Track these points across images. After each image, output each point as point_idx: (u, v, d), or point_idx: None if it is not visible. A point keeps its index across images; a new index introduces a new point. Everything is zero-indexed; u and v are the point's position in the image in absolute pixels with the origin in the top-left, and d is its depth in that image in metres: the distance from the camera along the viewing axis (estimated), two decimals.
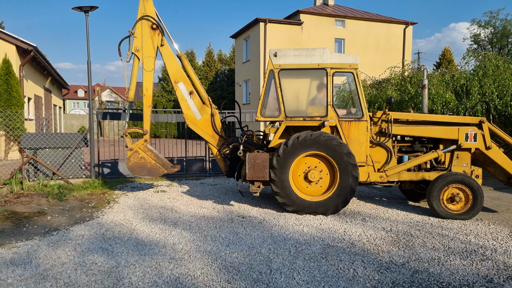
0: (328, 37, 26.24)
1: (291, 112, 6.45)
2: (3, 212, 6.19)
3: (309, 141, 6.06)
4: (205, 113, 7.06)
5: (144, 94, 6.98)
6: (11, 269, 3.93)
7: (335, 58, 6.36)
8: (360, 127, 6.39)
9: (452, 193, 6.13)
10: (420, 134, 6.69)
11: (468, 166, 6.64)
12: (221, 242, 4.85)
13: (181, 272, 3.90)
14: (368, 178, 6.55)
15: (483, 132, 6.55)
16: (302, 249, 4.63)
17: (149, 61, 6.90)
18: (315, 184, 6.27)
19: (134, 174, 6.96)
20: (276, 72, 6.33)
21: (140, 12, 6.85)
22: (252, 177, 6.21)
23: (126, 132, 6.98)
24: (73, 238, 4.94)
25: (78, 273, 3.84)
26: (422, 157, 6.64)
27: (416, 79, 11.60)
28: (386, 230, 5.44)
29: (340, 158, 6.05)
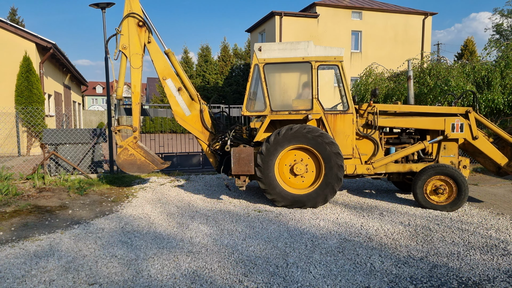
0: (345, 29, 25.87)
1: (277, 106, 6.45)
2: (26, 206, 6.39)
3: (291, 135, 6.08)
4: (194, 109, 7.05)
5: (132, 92, 7.02)
6: (35, 261, 4.07)
7: (319, 51, 6.35)
8: (345, 119, 6.39)
9: (435, 185, 6.16)
10: (406, 126, 6.71)
11: (455, 157, 6.64)
12: (237, 236, 4.89)
13: (198, 265, 3.95)
14: (355, 171, 6.57)
15: (470, 122, 6.52)
16: (319, 243, 4.62)
17: (137, 59, 6.94)
18: (301, 177, 6.28)
19: (124, 171, 7.00)
20: (261, 66, 6.35)
21: (126, 10, 6.88)
22: (237, 172, 6.26)
23: (115, 129, 7.03)
24: (94, 232, 5.06)
25: (99, 266, 3.94)
26: (408, 148, 6.63)
27: (435, 71, 11.34)
28: (404, 225, 5.37)
29: (323, 148, 6.07)
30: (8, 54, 14.28)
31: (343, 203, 6.67)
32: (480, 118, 6.66)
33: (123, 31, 6.88)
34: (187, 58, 37.24)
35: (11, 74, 13.88)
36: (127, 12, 6.87)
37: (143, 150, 7.05)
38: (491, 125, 6.71)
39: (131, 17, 6.86)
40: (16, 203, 6.55)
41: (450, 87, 10.22)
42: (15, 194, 7.12)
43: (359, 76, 13.63)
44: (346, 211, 6.12)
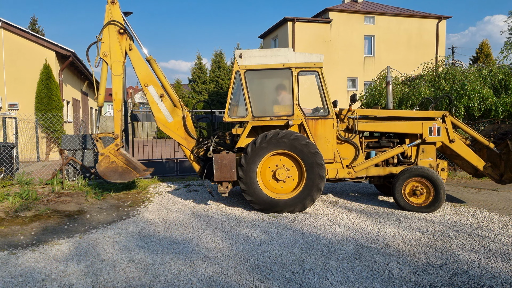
0: (358, 34, 25.79)
1: (258, 112, 6.50)
2: (45, 210, 6.52)
3: (267, 142, 6.15)
4: (176, 116, 7.03)
5: (114, 99, 6.96)
6: (55, 265, 4.14)
7: (299, 57, 6.43)
8: (326, 124, 6.48)
9: (413, 187, 6.28)
10: (385, 130, 6.82)
11: (433, 160, 6.77)
12: (253, 241, 4.89)
13: (214, 271, 3.96)
14: (337, 175, 6.65)
15: (446, 125, 6.67)
16: (335, 249, 4.58)
17: (118, 66, 6.93)
18: (284, 182, 6.31)
19: (106, 179, 6.92)
20: (242, 73, 6.42)
21: (106, 17, 6.87)
22: (219, 178, 6.29)
23: (96, 137, 6.97)
24: (111, 236, 5.13)
25: (117, 270, 3.99)
26: (388, 152, 6.75)
27: (450, 75, 11.19)
28: (422, 231, 5.29)
29: (300, 151, 6.12)
30: (29, 62, 14.69)
31: (358, 208, 6.61)
32: (456, 122, 6.81)
33: (103, 38, 6.86)
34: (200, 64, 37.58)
35: (32, 82, 14.26)
36: (107, 19, 6.85)
37: (124, 157, 6.99)
38: (466, 128, 6.86)
39: (111, 24, 6.83)
40: (36, 208, 6.69)
41: (466, 91, 10.06)
42: (35, 198, 7.28)
43: (372, 81, 13.53)
44: (362, 216, 6.06)
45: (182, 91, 35.95)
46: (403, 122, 6.74)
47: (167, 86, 7.07)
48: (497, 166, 6.85)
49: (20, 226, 5.67)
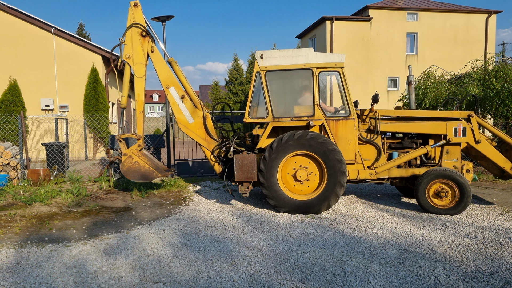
0: (399, 31, 24.96)
1: (279, 113, 6.49)
2: (95, 206, 6.89)
3: (294, 141, 6.10)
4: (197, 117, 7.08)
5: (136, 100, 7.10)
6: (105, 258, 4.37)
7: (320, 58, 6.38)
8: (347, 125, 6.42)
9: (438, 188, 6.16)
10: (408, 131, 6.68)
11: (458, 161, 6.63)
12: (292, 242, 4.89)
13: (255, 269, 4.01)
14: (358, 176, 6.57)
15: (472, 126, 6.50)
16: (377, 253, 4.49)
17: (140, 68, 7.00)
18: (305, 182, 6.29)
19: (129, 178, 7.02)
20: (262, 74, 6.41)
21: (129, 20, 6.97)
22: (240, 178, 6.30)
23: (120, 137, 7.08)
24: (156, 232, 5.33)
25: (162, 265, 4.15)
26: (411, 153, 6.62)
27: (502, 73, 10.57)
28: (470, 237, 5.05)
29: (326, 155, 6.09)
30: (78, 66, 15.58)
31: (401, 212, 6.42)
32: (482, 122, 6.63)
33: (126, 41, 6.97)
34: (237, 66, 37.97)
35: (81, 85, 15.10)
36: (130, 22, 6.96)
37: (147, 157, 7.12)
38: (493, 128, 6.67)
39: (134, 27, 6.95)
40: (86, 204, 7.08)
41: None
42: (85, 195, 7.71)
43: (416, 80, 13.07)
44: (404, 220, 5.88)
45: (219, 93, 36.51)
46: (427, 122, 6.60)
47: (188, 88, 7.17)
48: None
49: (73, 220, 6.03)
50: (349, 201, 7.28)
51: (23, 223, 5.84)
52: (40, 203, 7.10)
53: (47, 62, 15.94)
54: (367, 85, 24.49)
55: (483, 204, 7.02)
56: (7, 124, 13.13)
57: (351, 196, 7.79)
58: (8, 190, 8.10)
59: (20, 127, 9.39)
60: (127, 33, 6.98)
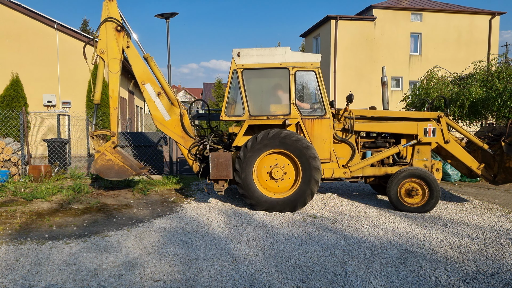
0: (403, 31, 24.88)
1: (255, 111, 6.50)
2: (96, 203, 6.89)
3: (268, 140, 6.14)
4: (173, 114, 6.99)
5: (111, 96, 6.92)
6: (105, 255, 4.37)
7: (297, 57, 6.44)
8: (323, 124, 6.51)
9: (409, 187, 6.34)
10: (381, 130, 6.87)
11: (428, 160, 6.82)
12: (293, 241, 4.88)
13: (256, 268, 4.00)
14: (333, 174, 6.68)
15: (441, 126, 6.70)
16: (378, 253, 4.47)
17: (115, 63, 6.84)
18: (281, 181, 6.34)
19: (102, 176, 6.83)
20: (239, 72, 6.42)
21: (104, 14, 6.80)
22: (215, 176, 6.32)
23: (93, 134, 6.92)
24: (157, 230, 5.32)
25: (163, 263, 4.14)
26: (383, 152, 6.80)
27: (505, 74, 10.52)
28: (471, 238, 5.03)
29: (300, 153, 6.15)
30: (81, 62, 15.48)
31: (403, 212, 6.39)
32: (451, 123, 6.84)
33: (100, 35, 6.80)
34: None
35: (83, 81, 15.09)
36: (104, 16, 6.78)
37: (121, 155, 6.94)
38: (461, 129, 6.90)
39: (109, 21, 6.76)
40: (87, 201, 7.09)
41: None
42: (86, 192, 7.71)
43: (419, 80, 13.02)
44: (406, 220, 5.86)
45: (222, 90, 36.49)
46: (399, 122, 6.76)
47: (164, 84, 7.06)
48: (490, 167, 6.89)
49: (73, 217, 6.03)
50: (351, 201, 7.26)
51: (23, 220, 5.85)
52: (41, 200, 7.10)
53: (49, 57, 15.95)
54: (371, 84, 24.43)
55: (485, 205, 6.99)
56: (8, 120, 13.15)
57: (353, 195, 7.78)
58: (9, 186, 8.11)
59: (22, 123, 9.40)
60: (101, 28, 6.78)
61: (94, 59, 6.84)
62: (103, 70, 6.90)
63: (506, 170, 6.64)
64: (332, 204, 6.94)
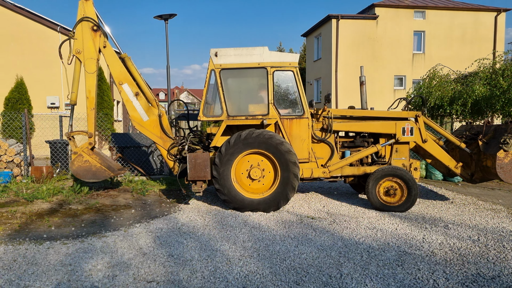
0: (406, 30, 24.72)
1: (233, 111, 6.51)
2: (95, 204, 6.89)
3: (242, 141, 6.11)
4: (152, 114, 6.91)
5: (87, 97, 6.83)
6: (101, 256, 4.36)
7: (275, 57, 6.43)
8: (301, 124, 6.50)
9: (387, 186, 6.36)
10: (360, 130, 6.87)
11: (407, 159, 6.85)
12: (290, 242, 4.84)
13: (250, 270, 3.97)
14: (312, 174, 6.66)
15: (419, 126, 6.72)
16: (376, 255, 4.42)
17: (91, 63, 6.75)
18: (261, 180, 6.33)
19: (79, 178, 6.73)
20: (217, 72, 6.41)
21: (79, 14, 6.69)
22: (193, 177, 6.30)
23: (70, 135, 6.86)
24: (153, 231, 5.31)
25: (157, 264, 4.12)
26: (362, 152, 6.81)
27: (510, 72, 10.39)
28: (472, 240, 4.95)
29: (275, 150, 6.12)
30: None
31: (403, 213, 6.32)
32: (428, 122, 6.87)
33: (76, 35, 6.69)
34: None
35: None
36: (80, 16, 6.67)
37: (98, 156, 6.86)
38: (439, 128, 6.93)
39: (85, 21, 6.65)
40: (87, 202, 7.09)
41: None
42: (86, 193, 7.71)
43: (421, 79, 12.90)
44: (406, 222, 5.79)
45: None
46: (377, 122, 6.77)
47: (142, 85, 6.97)
48: (468, 166, 6.91)
49: (72, 218, 6.04)
50: (351, 201, 7.20)
51: (23, 220, 5.86)
52: (41, 200, 7.12)
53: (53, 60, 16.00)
54: (373, 84, 24.28)
55: (488, 205, 6.90)
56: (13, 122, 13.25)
57: (353, 196, 7.71)
58: (12, 187, 8.15)
59: (24, 125, 9.44)
60: (77, 27, 6.68)
61: (70, 59, 6.75)
62: (79, 70, 6.81)
63: (483, 169, 6.64)
64: (330, 205, 6.89)
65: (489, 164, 6.41)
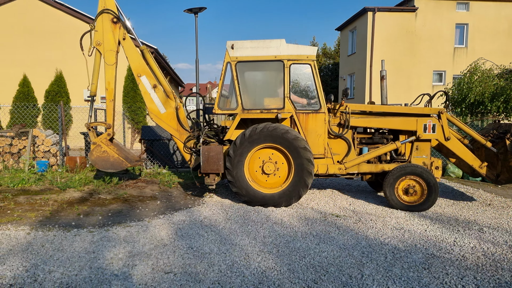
0: (448, 22, 23.54)
1: (248, 105, 6.39)
2: (123, 194, 7.08)
3: (257, 134, 6.01)
4: (169, 107, 6.90)
5: (106, 88, 6.92)
6: (123, 245, 4.45)
7: (292, 49, 6.27)
8: (317, 119, 6.35)
9: (406, 185, 6.14)
10: (378, 126, 6.63)
11: (428, 158, 6.58)
12: (311, 240, 4.73)
13: (268, 266, 3.90)
14: (327, 171, 6.52)
15: (442, 123, 6.42)
16: (401, 256, 4.22)
17: (111, 55, 6.83)
18: (275, 175, 6.23)
19: (98, 167, 6.85)
20: (233, 65, 6.27)
21: (100, 6, 6.76)
22: (206, 170, 6.22)
23: (89, 126, 6.95)
24: (176, 223, 5.36)
25: (176, 256, 4.15)
26: (380, 149, 6.57)
27: None
28: (509, 245, 4.62)
29: (290, 145, 6.00)
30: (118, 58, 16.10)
31: (434, 213, 6.03)
32: (452, 119, 6.59)
33: (97, 27, 6.79)
34: None
35: (120, 77, 15.53)
36: (101, 8, 6.77)
37: (116, 147, 6.97)
38: (463, 126, 6.60)
39: (105, 13, 6.74)
40: (115, 192, 7.30)
41: None
42: (116, 183, 7.95)
43: (461, 74, 12.23)
44: (437, 223, 5.51)
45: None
46: (397, 118, 6.54)
47: (160, 77, 6.99)
48: (494, 166, 6.54)
49: (100, 207, 6.22)
50: (379, 200, 6.95)
51: (55, 208, 6.11)
52: (73, 189, 7.41)
53: None
54: (410, 79, 23.41)
55: None
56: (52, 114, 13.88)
57: (381, 195, 7.44)
58: (48, 175, 8.54)
59: (60, 116, 9.84)
60: (98, 19, 6.80)
61: (91, 50, 6.88)
62: (99, 62, 6.94)
63: (510, 169, 6.23)
64: (357, 203, 6.68)
65: None
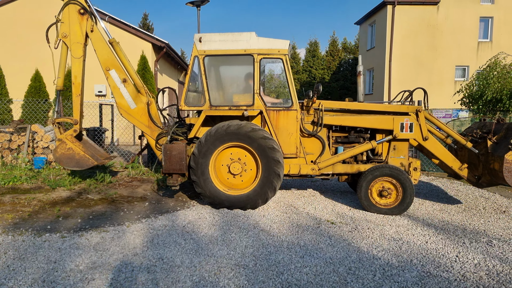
0: (471, 15, 22.35)
1: (217, 101, 6.08)
2: (112, 194, 6.84)
3: (222, 133, 5.67)
4: (140, 102, 6.56)
5: (73, 83, 6.61)
6: (90, 254, 4.16)
7: (262, 43, 5.91)
8: (289, 116, 6.02)
9: (380, 186, 5.84)
10: (354, 124, 6.27)
11: (405, 158, 6.28)
12: (296, 251, 4.31)
13: (238, 284, 3.52)
14: (300, 171, 6.20)
15: (420, 122, 6.09)
16: (392, 274, 3.75)
17: (78, 48, 6.50)
18: (241, 176, 5.89)
19: (62, 165, 6.54)
20: (201, 58, 5.93)
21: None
22: (168, 170, 5.85)
23: (55, 121, 6.65)
24: (156, 228, 5.05)
25: (142, 268, 3.83)
26: (355, 148, 6.25)
27: None
28: None
29: (257, 144, 5.67)
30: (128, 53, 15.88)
31: (441, 221, 5.48)
32: (431, 118, 6.27)
33: (63, 18, 6.46)
34: (294, 54, 37.09)
35: None
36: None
37: (83, 144, 6.66)
38: (442, 125, 6.30)
39: (71, 4, 6.40)
40: (105, 191, 7.07)
41: None
42: (109, 182, 7.73)
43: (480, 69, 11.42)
44: (441, 233, 4.98)
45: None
46: (373, 116, 6.18)
47: (130, 71, 6.65)
48: (476, 167, 6.16)
49: (84, 208, 5.99)
50: None
51: (36, 209, 5.92)
52: (63, 188, 7.23)
53: None
54: (432, 74, 22.41)
55: None
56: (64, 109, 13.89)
57: None
58: (44, 173, 8.43)
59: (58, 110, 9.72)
60: (64, 10, 6.47)
61: (57, 43, 6.59)
62: (66, 55, 6.64)
63: (491, 171, 5.69)
64: (358, 208, 6.19)
65: (497, 167, 5.53)
